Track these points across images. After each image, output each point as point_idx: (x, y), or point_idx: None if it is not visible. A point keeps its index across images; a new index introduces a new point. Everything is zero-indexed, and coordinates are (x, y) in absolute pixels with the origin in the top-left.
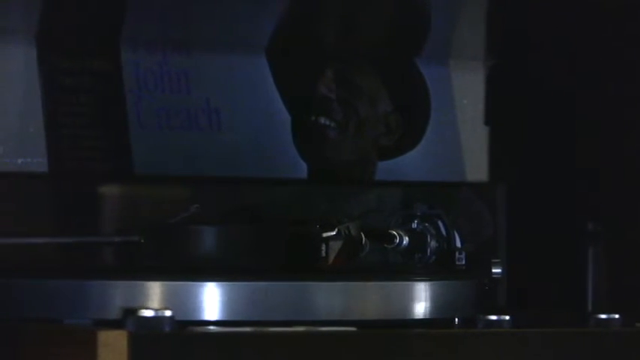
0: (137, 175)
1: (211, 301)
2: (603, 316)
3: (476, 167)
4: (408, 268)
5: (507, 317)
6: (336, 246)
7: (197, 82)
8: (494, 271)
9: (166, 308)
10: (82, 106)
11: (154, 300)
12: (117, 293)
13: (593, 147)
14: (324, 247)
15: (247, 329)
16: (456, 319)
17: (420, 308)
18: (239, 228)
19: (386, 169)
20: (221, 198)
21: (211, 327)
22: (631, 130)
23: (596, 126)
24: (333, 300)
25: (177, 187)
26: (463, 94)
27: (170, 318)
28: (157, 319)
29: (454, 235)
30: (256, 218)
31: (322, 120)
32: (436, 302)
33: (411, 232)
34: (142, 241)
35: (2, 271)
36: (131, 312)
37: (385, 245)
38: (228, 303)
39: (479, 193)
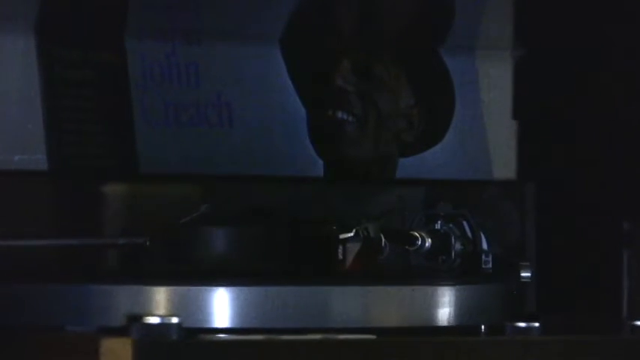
0: (143, 173)
1: (221, 307)
2: (639, 323)
3: (503, 164)
4: (431, 272)
5: (536, 324)
6: (354, 248)
7: (207, 75)
8: (522, 274)
9: (173, 315)
10: (84, 101)
11: (160, 306)
12: (121, 299)
13: (628, 143)
14: (341, 250)
15: (259, 337)
16: (482, 327)
17: (444, 315)
18: (251, 229)
19: (407, 166)
20: (232, 198)
21: (221, 335)
22: None
23: (631, 121)
24: (350, 306)
25: (186, 186)
26: (490, 86)
27: (177, 325)
28: (164, 327)
29: (480, 236)
30: (269, 219)
31: (340, 114)
32: (461, 308)
33: (434, 234)
34: (148, 243)
35: (0, 275)
36: (136, 319)
37: (406, 247)
38: (239, 309)
39: (506, 192)
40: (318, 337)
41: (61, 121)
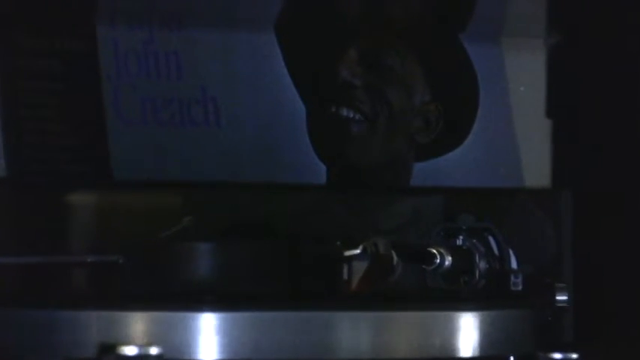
0: (117, 180)
1: (208, 335)
2: None
3: (535, 170)
4: (452, 295)
5: (574, 355)
6: (361, 267)
7: (190, 66)
8: (558, 297)
9: (153, 344)
10: (48, 96)
11: (137, 334)
12: (92, 326)
13: None
14: (346, 269)
15: None
16: (512, 358)
17: (467, 344)
18: (242, 246)
19: (424, 172)
20: (220, 208)
21: None
22: None
23: None
24: (357, 334)
25: (166, 196)
26: (519, 79)
27: (158, 356)
28: (142, 358)
29: (508, 253)
30: (264, 234)
31: (345, 111)
32: (486, 337)
33: (455, 250)
34: (123, 261)
35: None
36: (110, 349)
37: (423, 266)
38: (229, 338)
39: (539, 202)
40: None
41: (21, 119)
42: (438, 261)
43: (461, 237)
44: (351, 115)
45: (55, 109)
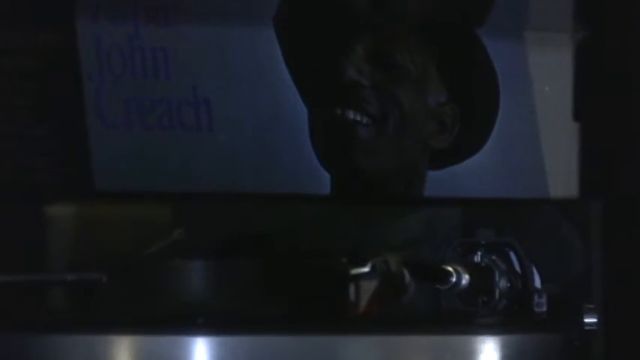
0: (99, 190)
1: None
2: None
3: (561, 179)
4: (469, 317)
5: None
6: (369, 287)
7: (179, 64)
8: (586, 320)
9: None
10: (23, 97)
11: (121, 359)
12: (72, 350)
13: None
14: (353, 289)
15: None
16: None
17: None
18: (238, 262)
19: (439, 181)
20: (213, 221)
21: None
22: None
23: None
24: (365, 359)
25: (153, 208)
26: (544, 78)
27: None
28: None
29: (531, 271)
30: (262, 249)
31: (351, 114)
32: None
33: (472, 268)
34: (105, 279)
35: None
36: None
37: (437, 286)
38: None
39: (566, 214)
40: None
41: None
42: (454, 280)
43: (479, 253)
44: (358, 118)
45: (31, 111)
